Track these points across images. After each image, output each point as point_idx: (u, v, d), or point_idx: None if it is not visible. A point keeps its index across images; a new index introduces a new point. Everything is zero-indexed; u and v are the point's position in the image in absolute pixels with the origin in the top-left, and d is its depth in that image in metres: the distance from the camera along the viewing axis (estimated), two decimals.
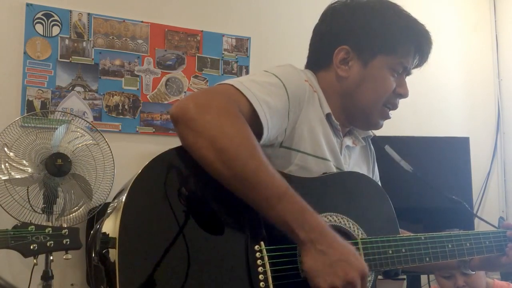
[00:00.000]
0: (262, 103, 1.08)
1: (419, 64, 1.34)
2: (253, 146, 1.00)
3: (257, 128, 1.07)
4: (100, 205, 2.54)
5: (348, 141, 1.34)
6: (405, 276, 2.92)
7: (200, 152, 0.98)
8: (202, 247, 0.96)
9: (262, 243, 1.01)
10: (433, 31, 1.35)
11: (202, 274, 0.94)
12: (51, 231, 1.72)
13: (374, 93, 1.27)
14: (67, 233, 1.75)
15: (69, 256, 1.79)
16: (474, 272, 1.50)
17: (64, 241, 1.74)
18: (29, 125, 2.62)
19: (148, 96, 3.16)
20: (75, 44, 3.00)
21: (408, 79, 1.34)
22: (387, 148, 1.47)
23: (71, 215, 2.46)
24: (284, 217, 0.99)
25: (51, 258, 2.01)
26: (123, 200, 0.93)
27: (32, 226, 1.71)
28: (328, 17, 1.32)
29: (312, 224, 1.00)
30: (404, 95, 1.31)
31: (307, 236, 0.99)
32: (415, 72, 1.38)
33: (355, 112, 1.31)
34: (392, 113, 1.34)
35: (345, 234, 1.14)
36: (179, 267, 0.93)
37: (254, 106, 1.06)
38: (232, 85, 1.08)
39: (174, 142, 1.02)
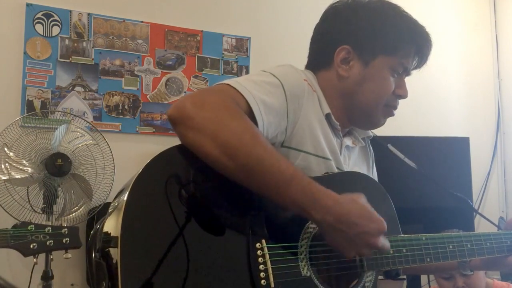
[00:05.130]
0: (258, 101, 1.08)
1: (418, 66, 1.35)
2: (255, 134, 1.00)
3: None
4: (100, 205, 2.54)
5: (348, 141, 1.34)
6: (405, 276, 2.91)
7: (203, 149, 0.98)
8: (204, 245, 0.96)
9: (263, 241, 1.01)
10: (433, 31, 1.35)
11: (204, 271, 0.94)
12: (50, 230, 1.72)
13: (374, 93, 1.28)
14: (66, 232, 1.75)
15: (69, 255, 1.79)
16: (472, 272, 1.50)
17: (64, 240, 1.74)
18: (29, 125, 2.62)
19: (148, 96, 3.16)
20: (75, 44, 3.00)
21: (408, 79, 1.35)
22: (390, 147, 1.47)
23: (71, 215, 2.46)
24: (295, 200, 0.99)
25: (51, 257, 2.01)
26: (125, 198, 0.92)
27: (31, 225, 1.71)
28: (330, 17, 1.32)
29: (324, 204, 1.00)
30: (403, 96, 1.32)
31: (322, 218, 1.00)
32: (416, 72, 1.38)
33: (356, 112, 1.31)
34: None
35: None
36: (180, 264, 0.93)
37: (250, 104, 1.06)
38: (228, 84, 1.08)
39: (174, 142, 1.02)
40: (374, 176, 1.48)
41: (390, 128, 1.56)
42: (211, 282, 0.95)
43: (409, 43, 1.28)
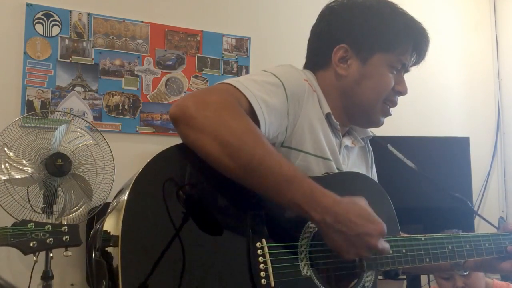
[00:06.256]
0: (260, 101, 1.08)
1: (417, 62, 1.35)
2: (256, 135, 1.01)
3: None
4: (100, 205, 2.54)
5: (347, 141, 1.34)
6: (405, 276, 2.92)
7: (204, 148, 0.98)
8: (205, 244, 0.96)
9: (264, 240, 1.02)
10: (433, 31, 1.35)
11: (204, 270, 0.95)
12: (50, 228, 1.71)
13: (374, 91, 1.28)
14: (66, 230, 1.74)
15: (69, 253, 1.78)
16: (466, 272, 1.50)
17: (64, 238, 1.73)
18: (29, 125, 2.62)
19: (148, 96, 3.16)
20: (75, 44, 3.00)
21: (408, 79, 1.34)
22: (390, 147, 1.47)
23: (71, 215, 2.46)
24: (296, 201, 1.00)
25: (51, 255, 2.01)
26: (125, 198, 0.93)
27: (31, 223, 1.70)
28: (326, 17, 1.33)
29: (324, 205, 1.01)
30: (403, 92, 1.32)
31: (322, 218, 1.00)
32: (416, 72, 1.38)
33: (355, 110, 1.31)
34: (392, 113, 1.34)
35: None
36: (180, 263, 0.93)
37: (252, 104, 1.07)
38: (230, 84, 1.09)
39: (174, 142, 1.02)
40: (374, 176, 1.48)
41: (390, 128, 1.56)
42: (211, 281, 0.95)
43: (406, 39, 1.29)
